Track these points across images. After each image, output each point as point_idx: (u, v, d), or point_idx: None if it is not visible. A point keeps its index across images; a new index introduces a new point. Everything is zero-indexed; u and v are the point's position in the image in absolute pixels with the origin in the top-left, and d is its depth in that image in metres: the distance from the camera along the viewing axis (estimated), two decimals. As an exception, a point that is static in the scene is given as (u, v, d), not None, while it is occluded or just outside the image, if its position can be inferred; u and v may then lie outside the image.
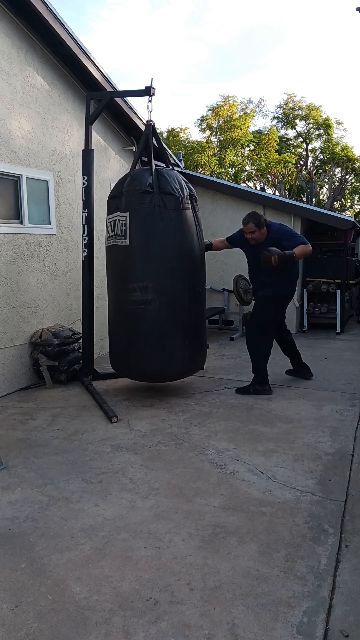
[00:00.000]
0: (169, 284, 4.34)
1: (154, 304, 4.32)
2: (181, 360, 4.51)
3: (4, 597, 2.08)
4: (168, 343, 4.40)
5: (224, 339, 7.37)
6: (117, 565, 2.26)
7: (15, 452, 3.50)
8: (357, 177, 22.99)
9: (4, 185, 4.73)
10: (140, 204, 4.29)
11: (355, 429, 3.83)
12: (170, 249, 4.31)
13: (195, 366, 4.78)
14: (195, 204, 4.57)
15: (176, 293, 4.37)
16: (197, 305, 4.57)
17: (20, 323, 4.96)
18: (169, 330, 4.39)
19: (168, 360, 4.45)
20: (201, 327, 4.70)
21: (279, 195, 15.69)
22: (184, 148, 22.81)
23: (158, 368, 4.46)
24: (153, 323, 4.35)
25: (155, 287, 4.31)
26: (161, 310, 4.34)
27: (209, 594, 2.07)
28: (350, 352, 6.46)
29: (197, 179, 8.09)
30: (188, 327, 4.46)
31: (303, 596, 2.05)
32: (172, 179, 4.40)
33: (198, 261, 4.54)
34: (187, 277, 4.42)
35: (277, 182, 20.69)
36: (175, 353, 4.44)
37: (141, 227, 4.30)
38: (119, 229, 4.40)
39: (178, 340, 4.43)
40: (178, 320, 4.40)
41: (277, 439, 3.65)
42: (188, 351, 4.51)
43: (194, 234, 4.48)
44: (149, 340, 4.39)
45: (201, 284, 4.64)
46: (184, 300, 4.40)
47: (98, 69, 5.43)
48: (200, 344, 4.70)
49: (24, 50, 4.81)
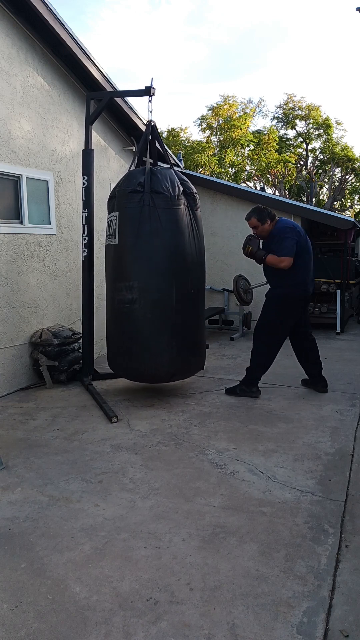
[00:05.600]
0: (154, 283, 4.27)
1: (138, 304, 4.28)
2: (169, 362, 4.38)
3: (4, 597, 2.08)
4: (153, 344, 4.33)
5: (224, 339, 7.37)
6: (117, 565, 2.26)
7: (15, 452, 3.50)
8: (357, 177, 22.99)
9: (4, 185, 4.73)
10: (129, 204, 4.29)
11: (355, 429, 3.83)
12: (158, 248, 4.24)
13: (188, 368, 4.65)
14: (191, 202, 4.47)
15: (162, 293, 4.29)
16: (189, 305, 4.44)
17: (20, 323, 4.96)
18: (155, 330, 4.32)
19: (154, 361, 4.36)
20: (194, 328, 4.55)
21: (279, 195, 15.70)
22: (184, 148, 22.80)
23: (145, 368, 4.40)
24: (137, 322, 4.32)
25: (140, 287, 4.26)
26: (145, 310, 4.28)
27: (209, 594, 2.07)
28: (350, 352, 6.46)
29: (197, 179, 8.08)
30: (177, 328, 4.36)
31: (303, 596, 2.05)
32: (164, 177, 4.33)
33: (190, 261, 4.40)
34: (175, 277, 4.31)
35: (277, 182, 20.69)
36: (161, 354, 4.35)
37: (129, 227, 4.29)
38: (112, 228, 4.47)
39: (164, 341, 4.33)
40: (164, 321, 4.31)
41: (277, 439, 3.65)
42: (177, 353, 4.40)
43: (186, 233, 4.37)
44: (134, 340, 4.37)
45: (195, 283, 4.49)
46: (171, 301, 4.31)
47: (98, 69, 5.43)
48: (193, 345, 4.57)
49: (24, 50, 4.81)
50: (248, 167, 23.87)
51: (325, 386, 4.77)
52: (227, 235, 7.95)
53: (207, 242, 7.83)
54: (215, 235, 8.02)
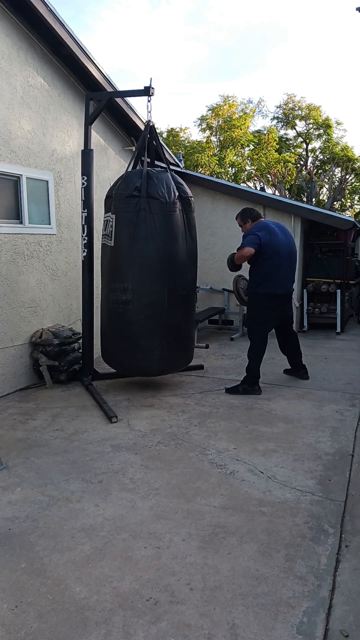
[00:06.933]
0: (148, 286, 4.46)
1: (132, 305, 4.47)
2: (159, 359, 4.60)
3: (4, 597, 2.08)
4: (145, 343, 4.53)
5: (224, 339, 7.37)
6: (117, 565, 2.26)
7: (15, 452, 3.50)
8: (357, 177, 22.98)
9: (4, 185, 4.73)
10: (126, 208, 4.42)
11: (355, 429, 3.83)
12: (152, 252, 4.41)
13: (177, 364, 4.87)
14: (186, 206, 4.61)
15: (155, 296, 4.46)
16: (180, 306, 4.63)
17: (20, 323, 4.96)
18: (147, 330, 4.51)
19: (145, 359, 4.58)
20: (184, 327, 4.74)
21: (279, 195, 15.70)
22: (184, 148, 22.79)
23: (136, 365, 4.67)
24: (131, 322, 4.52)
25: (134, 289, 4.45)
26: (139, 311, 4.47)
27: (209, 594, 2.07)
28: (350, 352, 6.46)
29: (197, 179, 8.10)
30: (167, 329, 4.54)
31: (303, 596, 2.05)
32: (161, 182, 4.44)
33: (182, 264, 4.58)
34: (168, 280, 4.49)
35: (277, 182, 20.69)
36: (152, 352, 4.55)
37: (125, 231, 4.43)
38: (108, 229, 4.62)
39: (156, 341, 4.53)
40: (157, 322, 4.50)
41: (277, 439, 3.65)
42: (167, 351, 4.60)
43: (180, 238, 4.54)
44: (127, 339, 4.57)
45: (186, 285, 4.66)
46: (163, 303, 4.49)
47: (98, 69, 5.43)
48: (182, 343, 4.77)
49: (24, 50, 4.81)
50: (248, 167, 23.87)
51: (306, 373, 5.16)
52: (227, 235, 7.93)
53: (207, 242, 7.87)
54: (215, 235, 8.01)
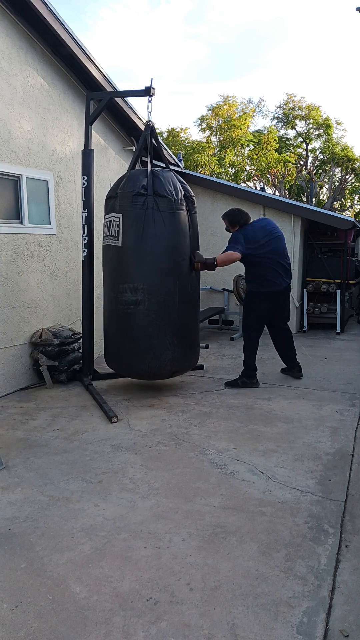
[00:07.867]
0: (159, 285, 4.40)
1: (143, 305, 4.39)
2: (171, 360, 4.52)
3: (4, 597, 2.08)
4: (157, 343, 4.44)
5: (224, 339, 7.37)
6: (117, 565, 2.26)
7: (15, 452, 3.50)
8: (357, 177, 22.98)
9: (4, 185, 4.73)
10: (133, 206, 4.35)
11: (355, 429, 3.83)
12: (161, 251, 4.36)
13: (187, 365, 4.81)
14: (190, 205, 4.61)
15: (166, 294, 4.41)
16: (189, 306, 4.61)
17: (20, 323, 4.96)
18: (158, 330, 4.43)
19: (157, 360, 4.47)
20: (192, 327, 4.72)
21: (279, 195, 15.69)
22: (184, 148, 22.79)
23: (147, 367, 4.50)
24: (142, 323, 4.43)
25: (145, 288, 4.37)
26: (150, 311, 4.39)
27: (209, 594, 2.07)
28: (350, 352, 6.46)
29: (197, 179, 8.09)
30: (178, 328, 4.50)
31: (303, 596, 2.05)
32: (167, 181, 4.42)
33: (190, 263, 4.56)
34: (178, 279, 4.45)
35: (277, 182, 20.69)
36: (164, 353, 4.47)
37: (133, 229, 4.36)
38: (114, 229, 4.52)
39: (167, 340, 4.46)
40: (168, 321, 4.44)
41: (277, 439, 3.65)
42: (178, 351, 4.53)
43: (187, 235, 4.52)
44: (138, 340, 4.46)
45: (193, 285, 4.66)
46: (174, 302, 4.44)
47: (98, 69, 5.43)
48: (191, 343, 4.73)
49: (24, 50, 4.81)
50: (248, 167, 23.88)
51: (299, 371, 5.18)
52: (227, 235, 7.82)
53: (207, 242, 7.86)
54: (215, 235, 8.01)
